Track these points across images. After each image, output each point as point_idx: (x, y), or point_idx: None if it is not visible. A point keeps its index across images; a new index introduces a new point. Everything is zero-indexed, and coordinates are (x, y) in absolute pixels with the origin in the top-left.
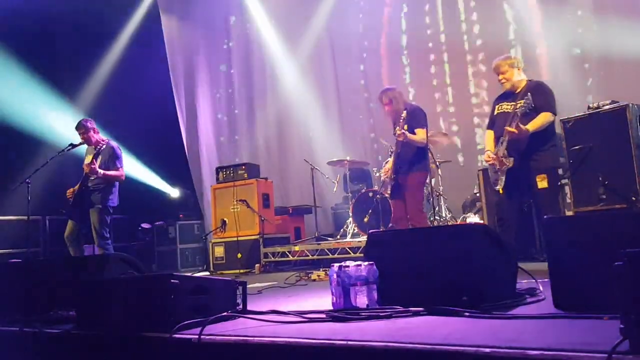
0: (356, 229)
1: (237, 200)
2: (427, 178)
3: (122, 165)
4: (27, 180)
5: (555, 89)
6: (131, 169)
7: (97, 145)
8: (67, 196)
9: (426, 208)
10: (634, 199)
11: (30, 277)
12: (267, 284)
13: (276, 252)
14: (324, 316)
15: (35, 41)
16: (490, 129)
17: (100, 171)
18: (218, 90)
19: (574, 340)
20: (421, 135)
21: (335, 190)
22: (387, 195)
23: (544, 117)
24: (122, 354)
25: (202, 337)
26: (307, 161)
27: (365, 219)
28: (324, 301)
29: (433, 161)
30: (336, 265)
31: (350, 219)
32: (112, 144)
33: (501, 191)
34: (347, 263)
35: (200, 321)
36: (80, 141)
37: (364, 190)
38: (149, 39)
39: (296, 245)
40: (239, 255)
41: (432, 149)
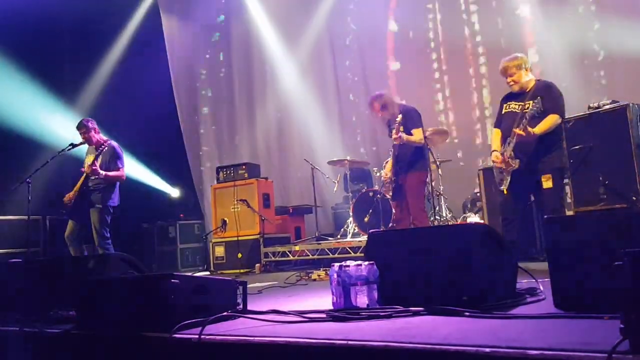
0: (356, 228)
1: (237, 200)
2: (427, 177)
3: (123, 165)
4: (27, 180)
5: None
6: (131, 169)
7: (98, 145)
8: (64, 201)
9: (426, 208)
10: (634, 198)
11: (30, 277)
12: (267, 283)
13: (276, 252)
14: (324, 316)
15: (34, 41)
16: (497, 127)
17: (101, 172)
18: (218, 90)
19: (574, 340)
20: (418, 135)
21: (335, 190)
22: (388, 197)
23: (551, 119)
24: (122, 354)
25: (202, 337)
26: (308, 161)
27: (366, 219)
28: (324, 301)
29: (433, 161)
30: (336, 265)
31: (351, 218)
32: (113, 144)
33: (505, 191)
34: (348, 263)
35: (200, 321)
36: (81, 141)
37: (364, 190)
38: (149, 39)
39: (296, 245)
40: (239, 255)
41: (432, 148)
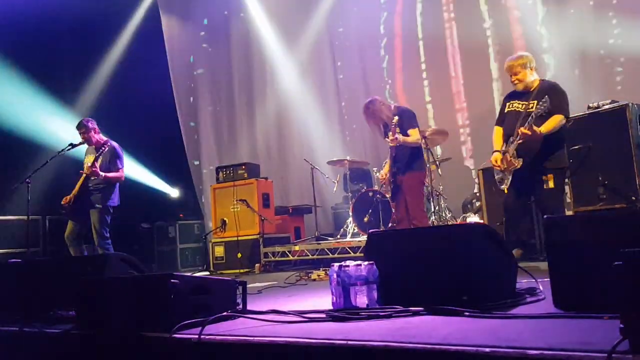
0: (356, 228)
1: (237, 200)
2: (425, 177)
3: (123, 166)
4: (27, 180)
5: None
6: (131, 169)
7: (98, 145)
8: (63, 203)
9: (426, 208)
10: (633, 198)
11: (30, 277)
12: (267, 283)
13: (276, 252)
14: (324, 316)
15: (34, 41)
16: (499, 125)
17: (102, 174)
18: (218, 90)
19: (574, 340)
20: (415, 135)
21: (335, 190)
22: (388, 197)
23: (556, 119)
24: (122, 354)
25: (202, 337)
26: (307, 161)
27: (365, 219)
28: (324, 301)
29: (433, 160)
30: (336, 264)
31: (350, 218)
32: (113, 144)
33: (506, 191)
34: (347, 263)
35: (200, 321)
36: (81, 141)
37: (364, 190)
38: (149, 38)
39: (296, 245)
40: (239, 255)
41: (432, 148)
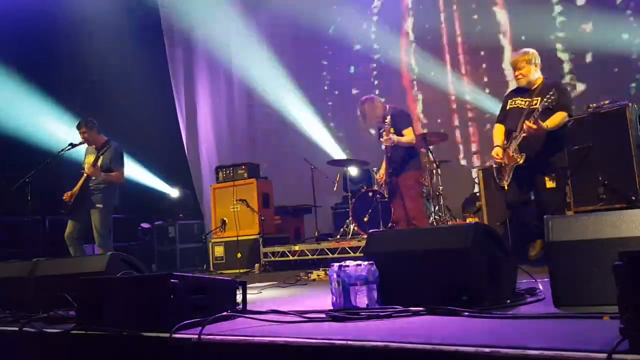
0: (356, 228)
1: (236, 200)
2: (422, 177)
3: (124, 166)
4: (27, 180)
5: None
6: (131, 169)
7: (98, 145)
8: (64, 199)
9: (426, 208)
10: (633, 198)
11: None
12: (267, 283)
13: (276, 252)
14: (324, 316)
15: (34, 41)
16: (500, 123)
17: (102, 174)
18: (218, 90)
19: (574, 340)
20: (409, 135)
21: (335, 190)
22: (386, 198)
23: (561, 116)
24: (122, 353)
25: (202, 337)
26: (307, 161)
27: (365, 219)
28: (324, 301)
29: (433, 160)
30: (336, 265)
31: (350, 218)
32: (114, 144)
33: (506, 187)
34: (347, 263)
35: (200, 321)
36: (81, 141)
37: (364, 190)
38: (149, 38)
39: (296, 245)
40: (239, 255)
41: (431, 148)
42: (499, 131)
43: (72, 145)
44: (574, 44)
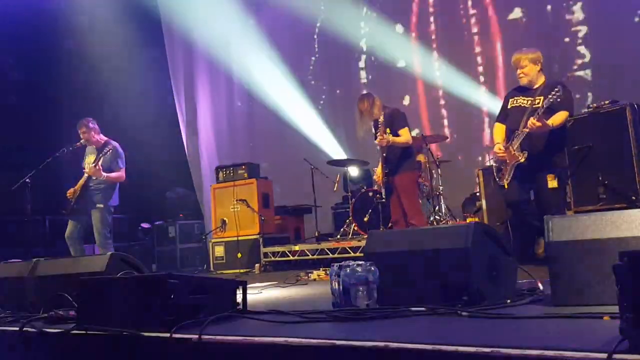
0: (356, 228)
1: (237, 200)
2: (419, 177)
3: (124, 166)
4: (27, 180)
5: None
6: (131, 169)
7: (98, 145)
8: (68, 196)
9: (426, 208)
10: (633, 198)
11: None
12: (267, 283)
13: (276, 252)
14: (324, 316)
15: (34, 41)
16: (501, 122)
17: (103, 174)
18: (218, 90)
19: (574, 340)
20: (405, 135)
21: (335, 190)
22: (383, 200)
23: (563, 115)
24: (122, 354)
25: (202, 337)
26: (307, 161)
27: (365, 219)
28: (324, 301)
29: (433, 160)
30: (336, 265)
31: (350, 218)
32: (114, 144)
33: (506, 186)
34: (347, 263)
35: (200, 321)
36: (81, 140)
37: (364, 190)
38: (149, 38)
39: (296, 245)
40: (239, 255)
41: (431, 148)
42: (499, 130)
43: (73, 146)
44: None
